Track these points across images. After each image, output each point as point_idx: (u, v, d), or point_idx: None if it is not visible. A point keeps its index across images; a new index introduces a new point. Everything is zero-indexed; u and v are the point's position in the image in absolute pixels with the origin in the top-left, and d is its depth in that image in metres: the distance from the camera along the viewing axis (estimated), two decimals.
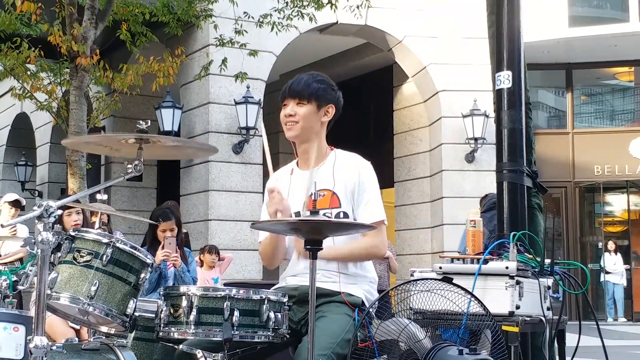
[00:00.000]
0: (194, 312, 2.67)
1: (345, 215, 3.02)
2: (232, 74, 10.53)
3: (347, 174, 3.06)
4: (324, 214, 2.94)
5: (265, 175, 12.01)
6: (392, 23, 12.78)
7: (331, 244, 2.95)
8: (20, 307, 5.37)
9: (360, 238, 3.07)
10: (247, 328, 2.69)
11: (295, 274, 3.10)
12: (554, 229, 13.56)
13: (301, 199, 3.04)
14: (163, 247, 5.28)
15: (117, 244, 2.78)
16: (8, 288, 2.86)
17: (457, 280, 3.03)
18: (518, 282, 3.11)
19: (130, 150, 2.79)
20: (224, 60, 9.94)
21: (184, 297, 2.71)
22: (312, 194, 2.64)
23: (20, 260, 7.38)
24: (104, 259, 2.74)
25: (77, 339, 3.32)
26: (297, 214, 3.04)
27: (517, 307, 3.09)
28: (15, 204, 7.64)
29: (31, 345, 2.44)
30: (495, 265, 3.18)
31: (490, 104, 4.38)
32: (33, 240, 2.50)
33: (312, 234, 2.62)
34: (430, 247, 13.25)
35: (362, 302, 3.00)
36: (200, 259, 8.29)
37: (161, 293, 2.82)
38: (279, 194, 2.98)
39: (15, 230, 7.12)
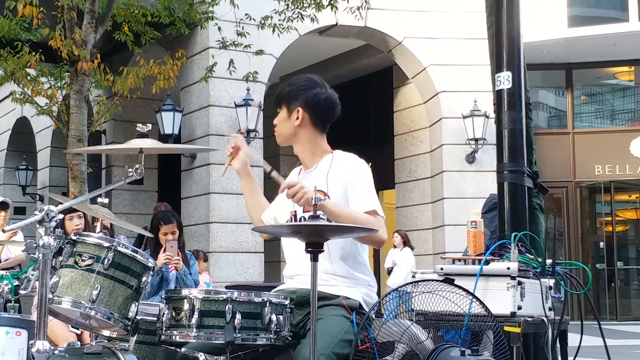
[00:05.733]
0: (196, 315, 2.67)
1: None
2: (236, 76, 10.55)
3: (341, 175, 3.04)
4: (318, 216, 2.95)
5: (266, 178, 12.05)
6: (392, 24, 12.79)
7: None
8: (19, 311, 5.35)
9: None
10: (249, 331, 2.69)
11: (293, 276, 3.10)
12: (555, 229, 13.54)
13: None
14: (165, 250, 5.29)
15: (119, 248, 2.77)
16: (10, 292, 2.86)
17: (458, 281, 3.04)
18: (520, 283, 3.12)
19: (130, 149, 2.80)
20: (232, 62, 9.95)
21: (185, 300, 2.71)
22: (313, 198, 2.65)
23: (19, 265, 7.37)
24: (105, 262, 2.74)
25: (79, 343, 3.33)
26: (294, 214, 3.06)
27: (519, 308, 3.10)
28: (2, 206, 7.61)
29: (33, 350, 2.44)
30: (496, 266, 3.19)
31: (491, 105, 4.39)
32: (34, 245, 2.51)
33: (313, 236, 2.63)
34: (431, 248, 13.25)
35: (360, 304, 2.98)
36: None
37: (163, 296, 2.82)
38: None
39: (15, 233, 7.11)
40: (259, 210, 3.30)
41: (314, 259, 2.60)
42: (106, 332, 2.91)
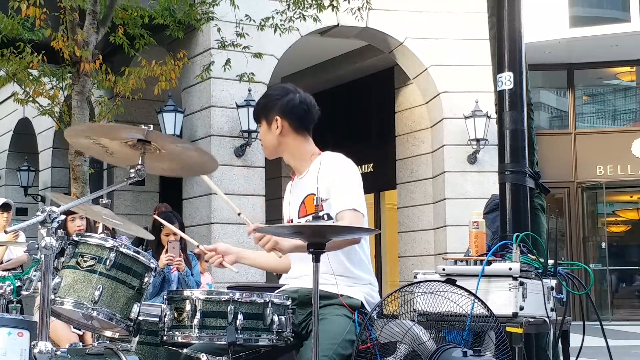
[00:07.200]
0: (197, 316, 2.68)
1: (329, 217, 3.03)
2: (232, 75, 10.53)
3: (326, 176, 3.05)
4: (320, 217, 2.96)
5: (268, 179, 11.99)
6: (393, 25, 12.78)
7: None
8: (21, 312, 5.37)
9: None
10: (251, 331, 2.69)
11: (296, 276, 3.12)
12: (557, 229, 13.54)
13: (296, 206, 3.11)
14: (166, 251, 5.29)
15: (120, 249, 2.77)
16: (12, 293, 2.87)
17: (460, 281, 3.04)
18: (521, 283, 3.12)
19: (128, 153, 2.79)
20: (228, 60, 9.94)
21: (187, 301, 2.72)
22: (315, 198, 2.66)
23: (21, 266, 7.39)
24: (107, 263, 2.74)
25: (81, 343, 3.33)
26: (291, 222, 3.11)
27: (521, 308, 3.10)
28: (5, 207, 7.62)
29: (35, 351, 2.45)
30: (498, 266, 3.18)
31: (492, 105, 4.39)
32: (36, 246, 2.51)
33: (315, 237, 2.63)
34: (433, 248, 13.24)
35: (362, 304, 2.99)
36: None
37: (165, 297, 2.82)
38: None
39: (17, 235, 7.12)
40: (272, 259, 3.32)
41: (316, 259, 2.61)
42: (108, 333, 2.91)
